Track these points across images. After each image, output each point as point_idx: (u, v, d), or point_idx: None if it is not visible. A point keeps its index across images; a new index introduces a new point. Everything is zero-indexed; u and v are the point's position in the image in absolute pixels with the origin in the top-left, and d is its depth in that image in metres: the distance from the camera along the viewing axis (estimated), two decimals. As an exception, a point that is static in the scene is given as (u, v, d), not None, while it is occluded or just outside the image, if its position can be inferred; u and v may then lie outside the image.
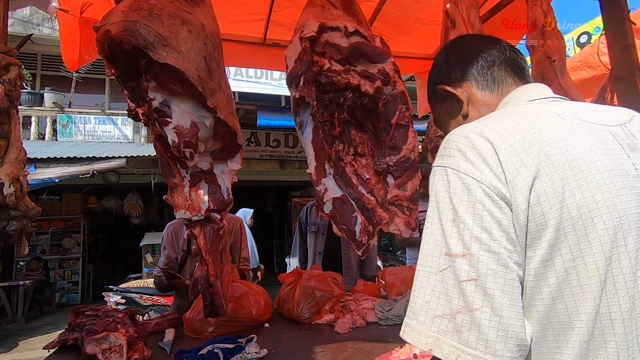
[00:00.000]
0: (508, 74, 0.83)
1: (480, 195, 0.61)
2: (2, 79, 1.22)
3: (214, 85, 1.45)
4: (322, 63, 1.59)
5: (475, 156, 0.63)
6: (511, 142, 0.63)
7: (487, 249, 0.59)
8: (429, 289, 0.62)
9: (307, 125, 1.67)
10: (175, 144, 1.38)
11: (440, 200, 0.65)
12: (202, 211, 1.53)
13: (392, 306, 1.98)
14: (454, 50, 0.90)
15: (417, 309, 0.63)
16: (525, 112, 0.71)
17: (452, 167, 0.64)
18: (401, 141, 1.66)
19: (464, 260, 0.59)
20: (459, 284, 0.59)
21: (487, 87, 0.82)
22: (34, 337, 6.39)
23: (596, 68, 3.03)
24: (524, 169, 0.61)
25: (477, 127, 0.67)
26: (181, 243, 2.47)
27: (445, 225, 0.63)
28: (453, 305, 0.59)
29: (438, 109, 0.93)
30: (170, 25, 1.33)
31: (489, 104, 0.81)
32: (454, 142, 0.67)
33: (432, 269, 0.63)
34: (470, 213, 0.61)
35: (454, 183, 0.63)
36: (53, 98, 8.57)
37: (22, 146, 1.38)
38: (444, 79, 0.88)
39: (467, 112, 0.84)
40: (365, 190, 1.66)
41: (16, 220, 1.42)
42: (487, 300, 0.57)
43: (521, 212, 0.60)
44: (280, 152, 9.03)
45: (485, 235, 0.59)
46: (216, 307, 1.55)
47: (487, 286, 0.58)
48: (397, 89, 1.67)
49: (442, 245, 0.62)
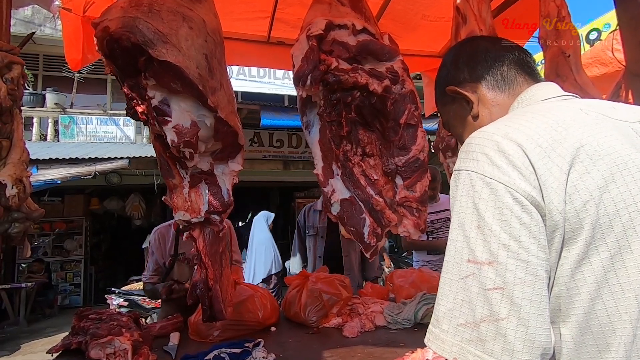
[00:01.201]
0: (518, 73, 0.82)
1: (508, 200, 0.60)
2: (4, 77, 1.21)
3: (215, 84, 1.44)
4: (330, 62, 1.57)
5: (502, 160, 0.62)
6: (539, 142, 0.62)
7: (516, 256, 0.58)
8: (451, 297, 0.62)
9: (314, 125, 1.66)
10: (174, 143, 1.37)
11: (464, 206, 0.64)
12: (201, 213, 1.51)
13: (402, 309, 1.96)
14: (462, 51, 0.90)
15: (441, 316, 0.63)
16: (547, 109, 0.70)
17: (477, 172, 0.63)
18: (410, 141, 1.64)
19: (490, 268, 0.59)
20: (483, 292, 0.58)
21: (498, 87, 0.82)
22: (36, 340, 6.42)
23: (608, 65, 3.00)
24: (556, 169, 0.60)
25: (501, 128, 0.66)
26: (168, 247, 2.45)
27: (469, 231, 0.62)
28: (477, 313, 0.59)
29: (447, 110, 0.93)
30: (171, 21, 1.31)
31: (501, 104, 0.81)
32: (478, 144, 0.66)
33: (454, 276, 0.62)
34: (498, 219, 0.60)
35: (479, 188, 0.62)
36: (55, 99, 8.61)
37: (25, 146, 1.38)
38: (452, 80, 0.87)
39: (477, 113, 0.83)
40: (373, 191, 1.64)
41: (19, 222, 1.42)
42: (514, 309, 0.57)
43: (558, 213, 0.59)
44: (283, 153, 9.02)
45: (513, 242, 0.58)
46: (215, 311, 1.53)
47: (515, 295, 0.57)
48: (406, 87, 1.66)
49: (465, 252, 0.62)
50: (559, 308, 0.60)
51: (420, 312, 1.91)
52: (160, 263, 2.48)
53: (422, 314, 1.91)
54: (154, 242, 2.51)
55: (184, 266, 2.40)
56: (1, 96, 1.19)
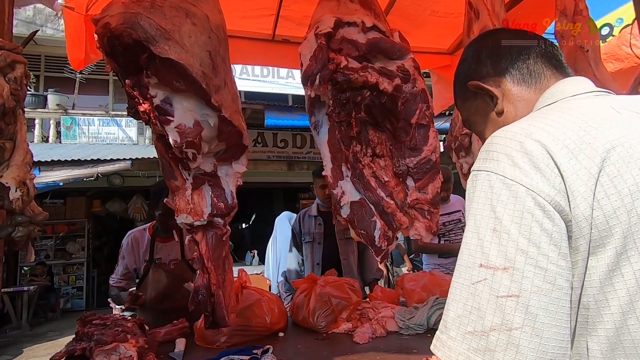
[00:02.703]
0: (546, 66, 0.79)
1: (529, 204, 0.57)
2: (7, 77, 1.20)
3: (219, 82, 1.42)
4: (339, 60, 1.56)
5: (524, 161, 0.59)
6: (566, 143, 0.59)
7: (534, 263, 0.55)
8: (461, 303, 0.60)
9: (322, 125, 1.65)
10: (177, 144, 1.35)
11: (480, 208, 0.61)
12: (204, 216, 1.50)
13: (413, 314, 1.94)
14: (485, 44, 0.87)
15: (449, 323, 0.61)
16: (576, 107, 0.67)
17: (497, 172, 0.61)
18: (422, 142, 1.62)
19: (505, 274, 0.56)
20: (495, 300, 0.56)
21: (524, 82, 0.79)
22: (38, 344, 6.45)
23: (624, 60, 2.96)
24: (583, 172, 0.57)
25: (525, 127, 0.63)
26: (142, 253, 2.42)
27: (483, 234, 0.59)
28: (486, 321, 0.56)
29: (467, 107, 0.90)
30: (173, 17, 1.30)
31: (526, 99, 0.78)
32: (499, 144, 0.63)
33: (465, 281, 0.60)
34: (517, 223, 0.57)
35: (498, 189, 0.60)
36: (56, 100, 8.66)
37: (29, 148, 1.37)
38: (474, 74, 0.84)
39: (502, 109, 0.80)
40: (384, 193, 1.62)
41: (22, 226, 1.41)
42: (529, 319, 0.54)
43: (584, 219, 0.56)
44: (288, 153, 9.02)
45: (532, 248, 0.56)
46: (217, 318, 1.52)
47: (531, 304, 0.54)
48: (417, 86, 1.64)
49: (477, 256, 0.59)
50: (587, 320, 0.58)
51: (433, 317, 1.89)
52: (130, 268, 2.45)
53: (435, 319, 1.88)
54: (126, 246, 2.47)
55: (161, 272, 2.36)
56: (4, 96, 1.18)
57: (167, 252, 2.43)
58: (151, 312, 2.31)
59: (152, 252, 2.37)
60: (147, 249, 2.39)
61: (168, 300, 2.33)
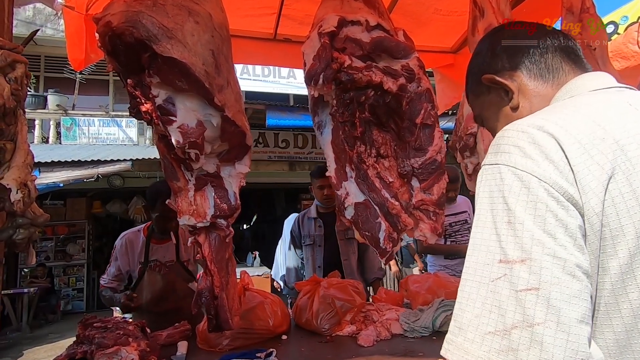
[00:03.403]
0: (564, 61, 0.77)
1: (542, 194, 0.55)
2: (7, 77, 1.19)
3: (222, 81, 1.41)
4: (342, 60, 1.55)
5: (536, 152, 0.57)
6: (579, 138, 0.57)
7: (552, 253, 0.53)
8: (479, 302, 0.56)
9: (326, 125, 1.64)
10: (179, 144, 1.35)
11: (493, 201, 0.59)
12: (207, 217, 1.49)
13: (418, 317, 1.93)
14: (500, 37, 0.84)
15: (465, 324, 0.57)
16: (591, 102, 0.65)
17: (508, 164, 0.59)
18: (427, 142, 1.61)
19: (523, 267, 0.53)
20: (515, 294, 0.53)
21: (541, 76, 0.77)
22: (39, 346, 6.45)
23: (630, 58, 2.94)
24: (595, 167, 0.56)
25: (536, 121, 0.61)
26: (137, 255, 2.40)
27: (499, 228, 0.57)
28: (507, 319, 0.53)
29: (481, 102, 0.88)
30: (176, 16, 1.29)
31: (543, 95, 0.76)
32: (509, 137, 0.61)
33: (482, 279, 0.57)
34: (530, 214, 0.55)
35: (509, 181, 0.58)
36: (57, 100, 8.68)
37: (30, 149, 1.36)
38: (489, 68, 0.82)
39: (517, 104, 0.78)
40: (389, 194, 1.61)
41: (24, 228, 1.40)
42: (551, 313, 0.51)
43: (595, 216, 0.55)
44: (289, 153, 9.01)
45: (548, 238, 0.54)
46: (221, 321, 1.50)
47: (552, 297, 0.52)
48: (422, 86, 1.63)
49: (496, 251, 0.56)
50: (595, 322, 0.56)
51: (438, 320, 1.87)
52: (123, 270, 2.43)
53: (441, 321, 1.87)
54: (120, 247, 2.45)
55: (156, 274, 2.35)
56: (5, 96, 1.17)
57: (163, 253, 2.42)
58: (147, 315, 2.30)
59: (147, 253, 2.36)
60: (142, 251, 2.38)
61: (164, 302, 2.33)
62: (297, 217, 3.19)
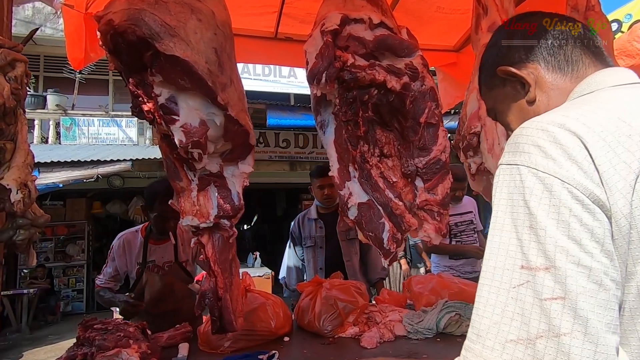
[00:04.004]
0: (584, 53, 0.74)
1: (565, 197, 0.53)
2: (7, 76, 1.18)
3: (225, 80, 1.41)
4: (346, 58, 1.54)
5: (558, 152, 0.55)
6: (603, 135, 0.55)
7: (576, 261, 0.51)
8: (498, 308, 0.55)
9: (329, 124, 1.63)
10: (182, 144, 1.34)
11: (513, 204, 0.57)
12: (210, 218, 1.49)
13: (422, 318, 1.92)
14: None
15: (484, 331, 0.56)
16: (613, 98, 0.63)
17: (527, 165, 0.56)
18: (431, 141, 1.61)
19: (547, 275, 0.52)
20: (540, 303, 0.52)
21: (559, 69, 0.74)
22: (38, 347, 6.45)
23: (635, 57, 2.93)
24: (622, 166, 0.53)
25: (556, 118, 0.59)
26: (135, 256, 2.39)
27: (520, 233, 0.55)
28: (531, 328, 0.52)
29: (494, 95, 0.85)
30: (178, 13, 1.28)
31: (561, 88, 0.73)
32: (529, 136, 0.59)
33: (502, 284, 0.55)
34: (554, 219, 0.53)
35: (530, 183, 0.55)
36: (56, 100, 8.68)
37: (30, 149, 1.35)
38: (504, 60, 0.79)
39: (534, 97, 0.75)
40: (392, 194, 1.60)
41: (24, 229, 1.39)
42: (578, 323, 0.50)
43: (622, 218, 0.53)
44: (290, 153, 9.00)
45: (573, 245, 0.52)
46: (225, 322, 1.50)
47: (579, 306, 0.50)
48: (425, 84, 1.62)
49: (518, 256, 0.55)
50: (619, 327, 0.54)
51: (442, 321, 1.86)
52: (120, 271, 2.42)
53: (445, 322, 1.86)
54: (117, 248, 2.43)
55: (154, 275, 2.34)
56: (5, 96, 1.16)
57: (161, 254, 2.41)
58: (145, 316, 2.29)
59: (145, 254, 2.35)
60: (140, 252, 2.36)
61: (162, 303, 2.32)
62: (297, 218, 3.14)
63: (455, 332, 1.86)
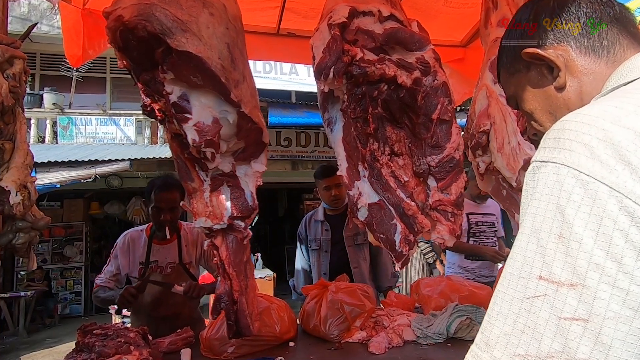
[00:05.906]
0: (621, 34, 0.66)
1: (612, 207, 0.46)
2: (5, 73, 1.16)
3: (238, 76, 1.38)
4: (354, 52, 1.50)
5: (608, 153, 0.48)
6: None
7: (611, 282, 0.45)
8: (510, 318, 0.51)
9: (336, 122, 1.60)
10: (195, 143, 1.31)
11: (543, 207, 0.51)
12: (224, 219, 1.46)
13: (431, 322, 1.89)
14: (545, 5, 0.74)
15: (493, 340, 0.52)
16: None
17: (569, 165, 0.50)
18: (444, 139, 1.57)
19: (572, 292, 0.47)
20: (557, 321, 0.47)
21: (593, 51, 0.66)
22: (36, 351, 6.44)
23: None
24: None
25: (609, 111, 0.51)
26: (138, 255, 2.37)
27: (545, 240, 0.50)
28: (543, 345, 0.47)
29: (516, 80, 0.78)
30: (190, 7, 1.26)
31: (595, 73, 0.66)
32: (574, 131, 0.51)
33: (516, 293, 0.51)
34: (593, 230, 0.47)
35: (569, 186, 0.49)
36: (53, 99, 8.66)
37: (29, 149, 1.33)
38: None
39: (563, 83, 0.68)
40: (404, 194, 1.57)
41: (24, 232, 1.37)
42: (599, 350, 0.45)
43: None
44: (292, 152, 8.97)
45: (611, 263, 0.46)
46: (241, 326, 1.47)
47: (603, 332, 0.45)
48: (438, 79, 1.59)
49: (536, 264, 0.50)
50: None
51: (453, 326, 1.83)
52: (122, 271, 2.39)
53: (455, 327, 1.83)
54: (121, 245, 2.41)
55: (157, 276, 2.32)
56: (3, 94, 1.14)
57: (164, 254, 2.39)
58: (145, 319, 2.27)
59: (149, 254, 2.33)
60: (144, 252, 2.35)
61: (162, 306, 2.30)
62: (304, 219, 3.07)
63: (467, 337, 1.83)
